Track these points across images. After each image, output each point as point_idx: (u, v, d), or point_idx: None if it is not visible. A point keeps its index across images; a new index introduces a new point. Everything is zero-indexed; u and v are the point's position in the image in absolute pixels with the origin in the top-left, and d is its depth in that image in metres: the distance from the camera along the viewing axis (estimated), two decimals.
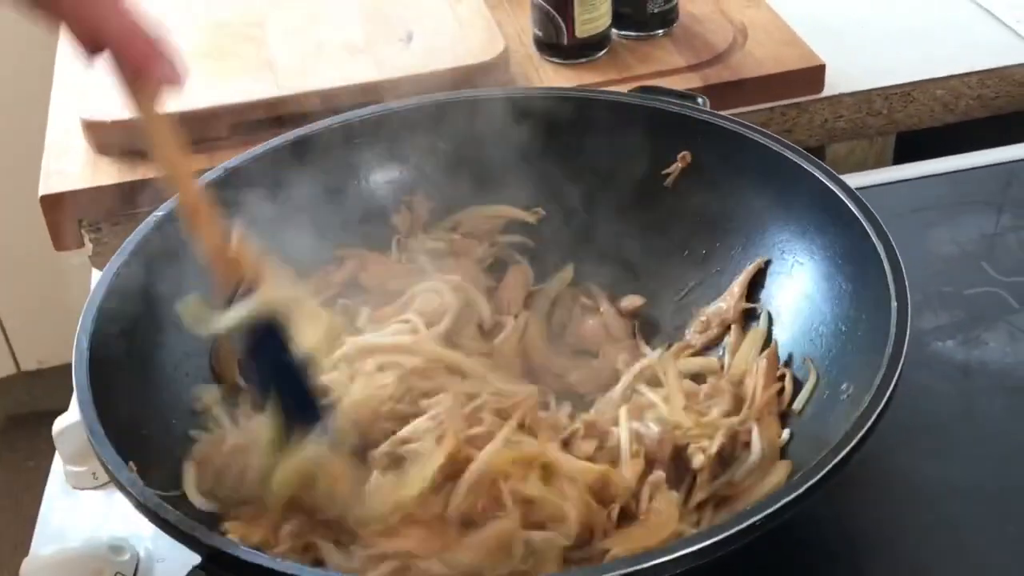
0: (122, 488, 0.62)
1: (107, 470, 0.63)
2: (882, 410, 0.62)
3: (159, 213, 0.79)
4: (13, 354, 2.10)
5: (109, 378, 0.69)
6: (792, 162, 0.79)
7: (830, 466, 0.59)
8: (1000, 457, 0.77)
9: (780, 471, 0.69)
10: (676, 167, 0.85)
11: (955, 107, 1.09)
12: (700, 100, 0.87)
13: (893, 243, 0.71)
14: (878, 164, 1.12)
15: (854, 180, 0.81)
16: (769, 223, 0.81)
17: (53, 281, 1.95)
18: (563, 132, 0.85)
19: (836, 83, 1.06)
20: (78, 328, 0.71)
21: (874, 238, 0.72)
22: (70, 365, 1.20)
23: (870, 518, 0.73)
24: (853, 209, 0.74)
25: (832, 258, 0.76)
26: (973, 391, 0.82)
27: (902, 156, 1.13)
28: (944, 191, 1.01)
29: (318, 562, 0.65)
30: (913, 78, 1.07)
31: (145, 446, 0.68)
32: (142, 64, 0.62)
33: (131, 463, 0.63)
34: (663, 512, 0.67)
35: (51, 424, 0.83)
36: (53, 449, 0.85)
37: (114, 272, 0.75)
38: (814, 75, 1.05)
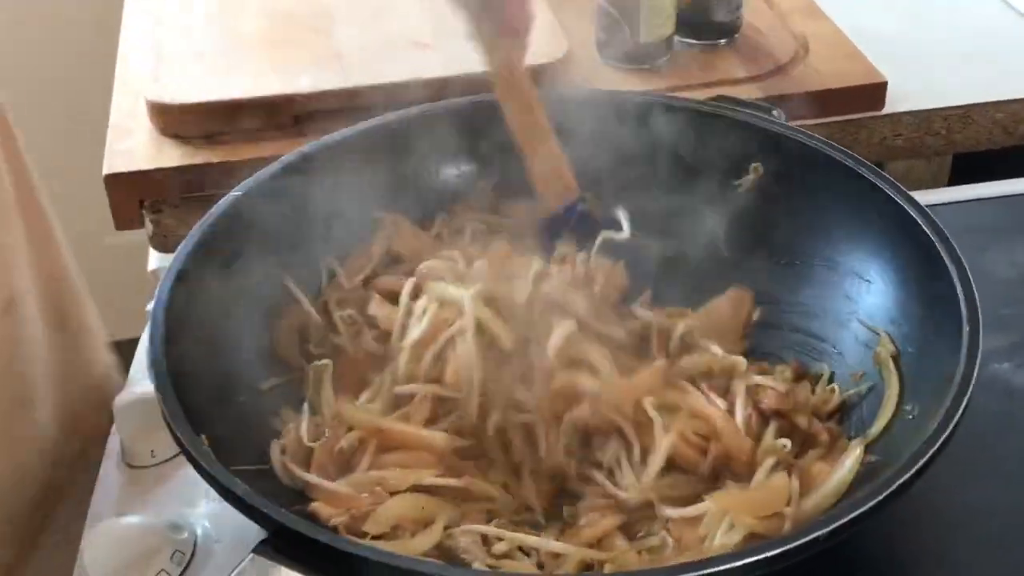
0: (193, 461, 0.62)
1: (177, 440, 0.63)
2: (951, 432, 0.62)
3: (238, 191, 0.80)
4: None
5: (182, 349, 0.69)
6: (867, 180, 0.78)
7: (896, 486, 0.60)
8: None
9: (853, 456, 0.69)
10: (748, 179, 0.85)
11: (1014, 131, 1.09)
12: (776, 112, 0.87)
13: (967, 268, 0.71)
14: (934, 184, 1.13)
15: None
16: (841, 241, 0.81)
17: (87, 260, 1.96)
18: (635, 135, 0.85)
19: (896, 101, 1.06)
20: (153, 299, 0.72)
21: (948, 262, 0.71)
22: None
23: (917, 537, 0.73)
24: (927, 231, 0.73)
25: (904, 281, 0.76)
26: None
27: (958, 177, 1.13)
28: (1001, 214, 1.01)
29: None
30: (973, 100, 1.07)
31: (223, 419, 0.68)
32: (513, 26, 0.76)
33: (203, 436, 0.64)
34: (775, 489, 0.67)
35: None
36: None
37: (192, 245, 0.75)
38: (875, 92, 1.05)
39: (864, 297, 0.79)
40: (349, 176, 0.83)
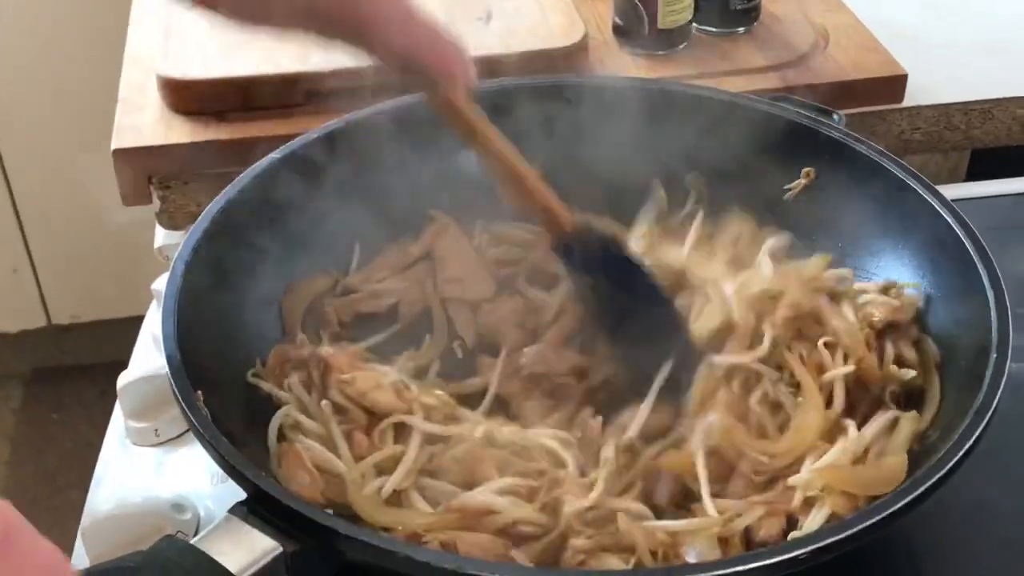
0: (185, 413, 0.62)
1: (172, 388, 0.63)
2: (961, 458, 0.62)
3: (275, 155, 0.80)
4: (45, 307, 2.11)
5: (193, 314, 0.69)
6: (919, 195, 0.77)
7: (902, 504, 0.59)
8: None
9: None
10: (799, 183, 0.84)
11: None
12: (836, 117, 0.85)
13: (1007, 297, 0.70)
14: (951, 179, 1.11)
15: None
16: (884, 253, 0.80)
17: (92, 237, 1.96)
18: (684, 128, 0.85)
19: (916, 94, 1.05)
20: (175, 255, 0.71)
21: (989, 291, 0.70)
22: (102, 322, 1.17)
23: (935, 539, 0.73)
24: (974, 256, 0.72)
25: (943, 298, 0.76)
26: None
27: (975, 173, 1.12)
28: (1019, 211, 1.00)
29: None
30: (994, 95, 1.06)
31: (227, 386, 0.69)
32: (447, 68, 0.69)
33: (199, 392, 0.63)
34: (893, 468, 0.66)
35: (78, 380, 0.83)
36: (78, 403, 0.85)
37: (218, 209, 0.75)
38: (895, 84, 1.04)
39: None
40: (386, 154, 0.82)
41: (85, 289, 2.06)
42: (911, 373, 0.72)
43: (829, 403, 0.71)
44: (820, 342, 0.72)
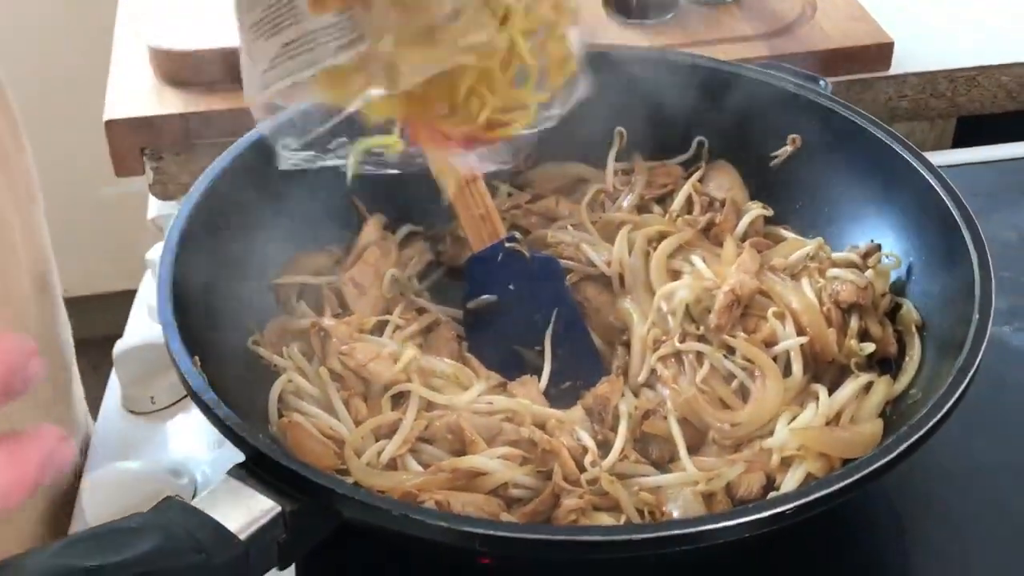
0: (181, 376, 0.62)
1: (172, 358, 0.63)
2: (944, 415, 0.62)
3: (258, 132, 0.77)
4: None
5: (189, 282, 0.69)
6: (904, 160, 0.77)
7: (891, 456, 0.60)
8: None
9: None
10: (785, 150, 0.84)
11: (1018, 95, 1.08)
12: (822, 83, 0.85)
13: (991, 264, 0.71)
14: (937, 146, 1.12)
15: None
16: (869, 218, 0.80)
17: (83, 209, 1.95)
18: (671, 96, 0.84)
19: (902, 62, 1.06)
20: (171, 222, 0.72)
21: (973, 254, 0.71)
22: (94, 296, 1.16)
23: (919, 495, 0.74)
24: (959, 220, 0.73)
25: (926, 262, 0.76)
26: None
27: (960, 140, 1.13)
28: (1004, 177, 1.01)
29: None
30: (980, 62, 1.07)
31: (216, 356, 0.68)
32: None
33: (195, 358, 0.63)
34: (869, 432, 0.68)
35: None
36: None
37: (213, 178, 0.75)
38: (882, 52, 1.05)
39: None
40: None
41: (76, 262, 2.04)
42: (870, 348, 0.73)
43: (788, 373, 0.72)
44: (769, 312, 0.73)
